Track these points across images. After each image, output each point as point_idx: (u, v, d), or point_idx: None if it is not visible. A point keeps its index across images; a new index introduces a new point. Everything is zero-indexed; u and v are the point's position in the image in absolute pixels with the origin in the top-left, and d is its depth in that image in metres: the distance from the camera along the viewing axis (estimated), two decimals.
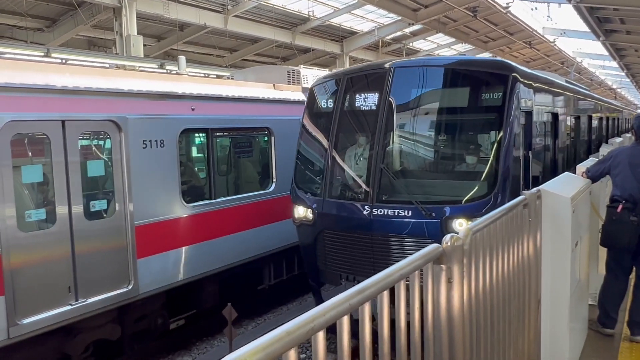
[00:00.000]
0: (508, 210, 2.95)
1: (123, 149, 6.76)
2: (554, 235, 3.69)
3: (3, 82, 5.61)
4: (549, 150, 8.57)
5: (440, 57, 6.61)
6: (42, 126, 5.97)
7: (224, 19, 19.40)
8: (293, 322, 1.39)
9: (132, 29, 15.58)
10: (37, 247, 5.86)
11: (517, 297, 3.13)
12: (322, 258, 6.84)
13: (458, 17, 24.19)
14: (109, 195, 6.79)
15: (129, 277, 6.84)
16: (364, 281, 1.71)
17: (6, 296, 5.53)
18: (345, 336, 1.59)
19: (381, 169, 6.27)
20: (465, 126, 6.75)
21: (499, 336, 2.80)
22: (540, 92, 7.46)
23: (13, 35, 17.60)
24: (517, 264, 3.07)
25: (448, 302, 2.17)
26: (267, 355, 1.25)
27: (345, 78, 7.11)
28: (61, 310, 6.05)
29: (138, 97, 7.05)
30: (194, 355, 8.14)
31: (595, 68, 45.54)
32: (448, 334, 2.18)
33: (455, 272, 2.19)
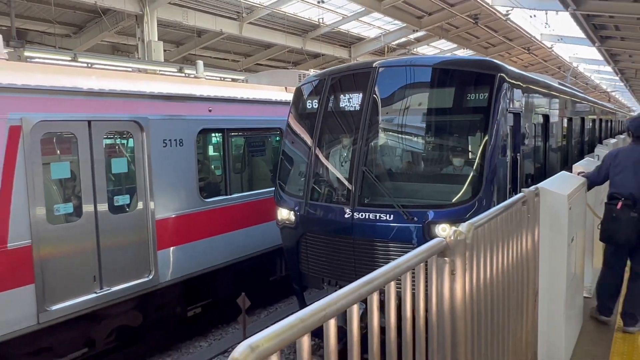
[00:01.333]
0: (508, 206, 2.94)
1: (145, 148, 6.79)
2: (551, 231, 3.67)
3: (34, 84, 5.65)
4: (539, 153, 8.13)
5: (426, 57, 6.24)
6: (70, 126, 6.00)
7: (239, 25, 19.44)
8: (306, 309, 1.39)
9: (153, 35, 15.66)
10: (65, 239, 5.90)
11: (516, 289, 3.12)
12: (304, 262, 6.48)
13: (460, 24, 24.07)
14: (131, 191, 6.82)
15: (149, 267, 6.88)
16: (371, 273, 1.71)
17: (36, 284, 5.58)
18: (355, 323, 1.60)
19: (363, 171, 5.88)
20: (450, 128, 6.27)
21: (499, 325, 2.79)
22: (529, 93, 7.06)
23: (42, 41, 17.74)
24: (516, 257, 3.06)
25: (451, 293, 2.17)
26: (281, 341, 1.25)
27: (329, 78, 6.64)
28: (87, 297, 6.10)
29: (159, 99, 7.06)
30: (210, 341, 8.18)
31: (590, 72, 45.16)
32: (451, 323, 2.18)
33: (458, 264, 2.18)
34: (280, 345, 1.24)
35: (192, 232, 7.54)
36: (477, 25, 23.09)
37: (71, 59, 12.60)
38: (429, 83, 6.21)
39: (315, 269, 6.37)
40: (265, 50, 24.77)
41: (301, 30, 22.44)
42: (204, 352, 7.67)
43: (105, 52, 20.05)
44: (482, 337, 2.54)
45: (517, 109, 6.39)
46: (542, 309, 3.71)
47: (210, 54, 23.41)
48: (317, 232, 6.27)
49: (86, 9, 16.34)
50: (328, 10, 20.92)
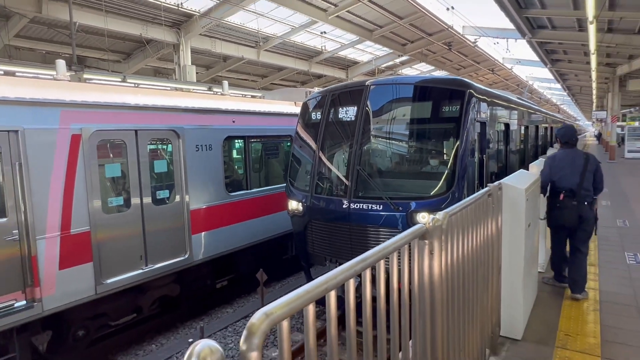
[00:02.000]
0: (476, 199, 2.91)
1: (181, 152, 6.79)
2: (511, 218, 3.65)
3: (90, 101, 5.66)
4: (502, 155, 8.09)
5: (408, 76, 6.12)
6: (120, 134, 6.01)
7: (257, 52, 19.43)
8: (311, 283, 1.38)
9: (188, 60, 15.67)
10: (117, 226, 5.93)
11: (483, 265, 3.10)
12: (310, 243, 6.49)
13: (437, 50, 23.96)
14: (170, 186, 6.81)
15: (185, 248, 6.89)
16: (365, 253, 1.71)
17: (94, 262, 5.62)
18: (352, 294, 1.59)
19: (358, 170, 5.95)
20: (428, 134, 6.21)
21: (469, 295, 2.78)
22: (492, 105, 7.01)
23: (98, 66, 17.80)
24: (483, 239, 3.04)
25: (430, 269, 2.16)
26: (290, 309, 1.25)
27: (330, 94, 6.68)
28: (134, 273, 6.14)
29: (192, 112, 7.06)
30: (235, 308, 8.19)
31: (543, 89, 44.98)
32: (430, 293, 2.17)
33: (436, 246, 2.17)
34: (289, 312, 1.24)
35: (219, 219, 7.54)
36: (451, 51, 22.96)
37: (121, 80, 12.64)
38: (411, 98, 6.18)
39: (319, 249, 6.38)
40: (278, 72, 24.75)
41: (307, 56, 22.39)
42: (229, 317, 7.68)
43: (149, 75, 20.08)
44: (456, 305, 2.52)
45: (483, 119, 6.38)
46: (504, 281, 3.69)
47: (234, 76, 23.42)
48: (320, 219, 6.27)
49: (133, 40, 16.37)
50: (329, 40, 20.88)
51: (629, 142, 24.18)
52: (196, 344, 1.00)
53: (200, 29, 15.25)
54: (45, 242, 5.13)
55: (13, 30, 13.50)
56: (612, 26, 14.24)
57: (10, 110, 4.82)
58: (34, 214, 5.01)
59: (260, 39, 18.68)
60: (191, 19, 15.21)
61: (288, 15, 16.99)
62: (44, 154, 5.12)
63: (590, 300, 4.57)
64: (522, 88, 37.27)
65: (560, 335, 3.80)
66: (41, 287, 5.10)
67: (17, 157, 4.88)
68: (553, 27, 15.59)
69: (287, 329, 1.24)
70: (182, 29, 15.46)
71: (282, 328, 1.23)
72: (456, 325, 2.57)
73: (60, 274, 5.27)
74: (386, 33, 19.90)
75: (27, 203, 4.95)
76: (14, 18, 13.17)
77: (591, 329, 3.91)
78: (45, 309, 5.16)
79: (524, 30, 15.05)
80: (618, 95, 23.57)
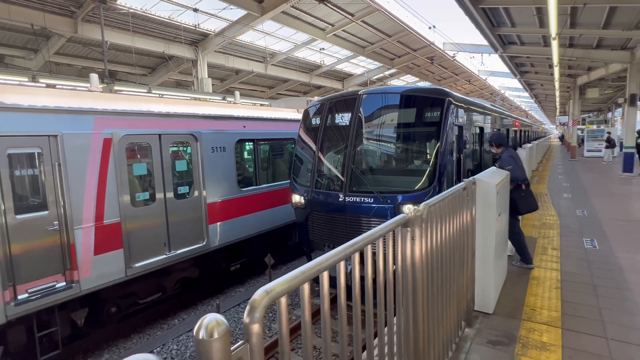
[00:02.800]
0: (453, 192, 2.91)
1: (199, 153, 6.78)
2: (484, 208, 3.64)
3: (120, 109, 5.67)
4: (476, 154, 8.08)
5: (396, 87, 6.09)
6: (146, 138, 6.02)
7: (265, 66, 19.35)
8: (306, 265, 1.39)
9: (204, 74, 15.61)
10: (143, 217, 5.94)
11: (459, 249, 3.10)
12: (311, 231, 6.48)
13: (421, 64, 23.85)
14: (189, 183, 6.81)
15: (203, 236, 6.90)
16: (355, 238, 1.70)
17: (124, 249, 5.63)
18: (342, 274, 1.59)
19: (352, 168, 5.95)
20: (413, 136, 6.18)
21: (447, 275, 2.78)
22: (469, 111, 6.99)
23: (127, 79, 17.75)
24: (459, 227, 3.04)
25: (412, 253, 2.16)
26: (289, 287, 1.25)
27: (327, 102, 6.67)
28: (159, 258, 6.15)
29: (209, 118, 7.05)
30: (247, 287, 8.21)
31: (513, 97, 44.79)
32: (412, 274, 2.17)
33: (417, 233, 2.17)
34: (287, 290, 1.24)
35: (232, 211, 7.54)
36: (433, 64, 22.87)
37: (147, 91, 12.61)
38: (398, 105, 6.18)
39: (319, 236, 6.38)
40: (283, 83, 24.66)
41: (308, 69, 22.31)
42: (241, 295, 7.70)
43: (171, 86, 20.02)
44: (435, 284, 2.52)
45: (461, 123, 6.38)
46: (478, 263, 3.69)
47: (245, 87, 23.35)
48: (320, 210, 6.27)
49: (157, 56, 16.32)
50: (327, 55, 20.79)
51: (587, 142, 24.10)
52: (204, 318, 1.00)
53: (215, 46, 15.19)
54: (82, 231, 5.15)
55: (53, 48, 13.46)
56: (573, 42, 14.17)
57: (51, 118, 4.89)
58: (71, 207, 5.03)
59: (268, 55, 18.62)
60: (207, 38, 15.15)
61: (291, 34, 16.93)
62: (80, 156, 5.13)
63: (553, 280, 4.56)
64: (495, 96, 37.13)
65: (526, 310, 3.81)
66: (79, 271, 5.13)
67: (57, 158, 4.91)
68: (522, 43, 15.52)
69: (284, 304, 1.25)
70: (200, 46, 15.40)
71: (280, 304, 1.23)
72: (436, 302, 2.57)
73: (95, 259, 5.30)
74: (377, 49, 19.82)
75: (65, 198, 4.97)
76: (53, 38, 13.13)
77: (553, 304, 3.91)
78: (83, 289, 5.20)
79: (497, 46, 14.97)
80: (578, 102, 23.49)
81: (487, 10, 11.78)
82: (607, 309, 3.76)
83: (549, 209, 8.60)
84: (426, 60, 21.89)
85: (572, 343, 3.19)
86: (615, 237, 6.18)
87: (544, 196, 10.16)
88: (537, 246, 5.84)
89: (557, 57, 12.35)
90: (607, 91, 23.33)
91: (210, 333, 0.97)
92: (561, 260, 5.23)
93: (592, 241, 6.03)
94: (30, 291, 4.68)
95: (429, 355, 2.47)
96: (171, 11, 13.21)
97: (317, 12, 14.72)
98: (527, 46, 15.69)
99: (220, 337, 0.97)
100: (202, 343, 0.97)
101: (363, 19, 15.44)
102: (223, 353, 0.98)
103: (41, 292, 4.76)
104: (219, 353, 0.97)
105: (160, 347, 5.85)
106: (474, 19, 11.69)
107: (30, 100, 4.74)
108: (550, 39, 10.81)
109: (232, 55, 17.55)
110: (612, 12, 10.78)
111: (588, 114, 39.95)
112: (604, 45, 14.46)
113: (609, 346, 3.12)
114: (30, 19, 11.07)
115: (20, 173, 4.67)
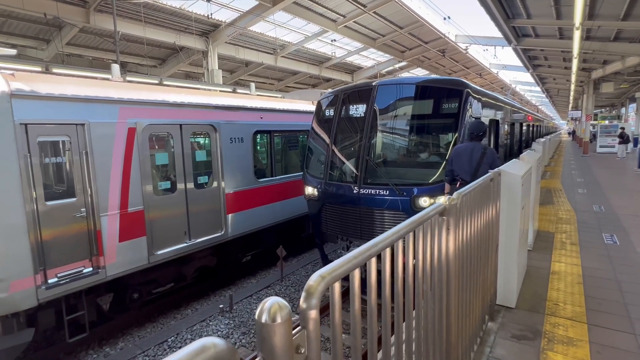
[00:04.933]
0: (481, 183, 2.87)
1: (218, 143, 6.83)
2: (508, 200, 3.59)
3: (144, 99, 5.70)
4: (492, 147, 7.85)
5: (412, 77, 5.94)
6: (168, 128, 6.05)
7: (275, 58, 19.26)
8: (356, 250, 1.35)
9: (215, 65, 15.58)
10: (165, 206, 6.00)
11: (485, 243, 3.06)
12: (324, 223, 6.41)
13: (432, 57, 23.59)
14: (209, 173, 6.86)
15: (222, 226, 6.94)
16: (400, 224, 1.65)
17: (147, 236, 5.71)
18: (388, 261, 1.55)
19: (367, 160, 5.87)
20: (430, 128, 6.05)
21: (474, 268, 2.75)
22: (486, 104, 6.87)
23: (137, 70, 17.78)
24: (485, 219, 3.00)
25: (447, 243, 2.13)
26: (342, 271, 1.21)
27: (342, 93, 6.56)
28: (180, 246, 6.22)
29: (227, 109, 7.06)
30: (258, 279, 8.24)
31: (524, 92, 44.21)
32: (446, 265, 2.14)
33: (452, 222, 2.14)
34: (341, 274, 1.21)
35: (249, 202, 7.57)
36: (444, 57, 22.60)
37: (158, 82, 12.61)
38: (414, 96, 6.05)
39: (331, 228, 6.34)
40: (293, 76, 24.56)
41: (318, 61, 22.17)
42: (253, 286, 7.73)
43: (181, 78, 20.03)
44: (465, 276, 2.49)
45: (478, 115, 6.22)
46: (500, 256, 3.65)
47: (254, 79, 23.28)
48: (333, 203, 6.22)
49: (168, 47, 16.32)
50: (338, 47, 20.62)
51: (600, 138, 23.73)
52: (266, 301, 0.97)
53: (226, 37, 15.13)
54: (108, 218, 5.23)
55: (65, 38, 13.50)
56: (590, 34, 13.87)
57: (79, 107, 4.94)
58: (98, 194, 5.10)
59: (278, 47, 18.51)
60: (218, 29, 15.09)
61: (302, 25, 16.79)
62: (106, 144, 5.19)
63: (574, 275, 4.50)
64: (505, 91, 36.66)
65: (549, 304, 3.76)
66: (105, 256, 5.22)
67: (84, 146, 4.98)
68: (536, 35, 15.24)
69: (338, 290, 1.22)
70: (210, 37, 15.35)
71: (334, 289, 1.20)
72: (465, 294, 2.53)
73: (120, 246, 5.38)
74: (387, 41, 19.60)
75: (92, 186, 5.04)
76: (66, 28, 13.16)
77: (577, 299, 3.86)
78: (108, 274, 5.29)
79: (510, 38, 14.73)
80: (592, 97, 23.08)
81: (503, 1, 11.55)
82: (634, 304, 3.70)
83: (565, 204, 8.48)
84: (438, 53, 21.62)
85: (599, 338, 3.14)
86: (636, 233, 6.08)
87: (559, 191, 10.03)
88: (555, 241, 5.76)
89: (577, 48, 12.07)
90: (623, 85, 22.89)
91: (273, 317, 0.94)
92: (581, 255, 5.16)
93: (612, 237, 5.93)
94: (59, 275, 4.80)
95: (457, 347, 2.44)
96: (183, 1, 13.15)
97: (329, 3, 14.56)
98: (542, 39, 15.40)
99: (284, 321, 0.94)
100: (265, 327, 0.94)
101: (375, 10, 15.25)
102: (286, 338, 0.96)
103: (69, 277, 4.88)
104: (282, 338, 0.95)
105: (174, 336, 5.90)
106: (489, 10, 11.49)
107: (60, 89, 4.79)
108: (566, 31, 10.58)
109: (242, 46, 17.48)
110: (633, 3, 10.51)
111: (600, 110, 39.30)
112: (622, 37, 14.15)
113: (638, 342, 3.06)
114: (43, 9, 11.08)
115: (49, 161, 4.76)
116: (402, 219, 3.73)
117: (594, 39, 14.41)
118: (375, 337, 1.46)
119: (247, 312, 6.66)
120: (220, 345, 0.80)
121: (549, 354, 2.95)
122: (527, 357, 2.91)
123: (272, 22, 15.72)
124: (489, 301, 3.42)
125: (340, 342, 1.24)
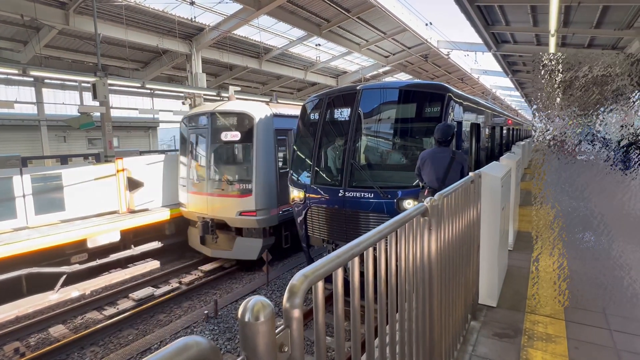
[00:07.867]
0: (462, 184, 2.93)
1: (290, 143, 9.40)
2: (489, 201, 3.68)
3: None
4: (474, 150, 8.08)
5: (395, 81, 6.04)
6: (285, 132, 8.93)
7: (259, 62, 19.21)
8: (339, 250, 1.37)
9: (198, 69, 15.43)
10: None
11: (467, 243, 3.13)
12: (310, 227, 6.44)
13: (415, 61, 23.93)
14: None
15: None
16: (382, 224, 1.68)
17: None
18: (371, 261, 1.57)
19: (352, 163, 5.91)
20: (413, 131, 6.11)
21: (456, 268, 2.80)
22: (467, 108, 6.97)
23: (119, 73, 17.45)
24: (466, 221, 3.06)
25: (429, 243, 2.16)
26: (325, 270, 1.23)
27: (326, 97, 6.59)
28: None
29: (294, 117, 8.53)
30: (244, 283, 8.17)
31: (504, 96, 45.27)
32: (429, 265, 2.18)
33: (433, 223, 2.17)
34: (324, 274, 1.22)
35: None
36: (427, 62, 22.96)
37: (140, 85, 12.42)
38: (398, 100, 6.13)
39: (317, 231, 6.35)
40: (277, 80, 24.52)
41: (303, 66, 22.21)
42: (239, 291, 7.67)
43: (164, 81, 19.75)
44: (446, 276, 2.54)
45: (460, 118, 6.36)
46: (482, 256, 3.72)
47: (239, 83, 23.13)
48: (319, 206, 6.23)
49: (150, 50, 16.09)
50: (322, 52, 20.72)
51: None
52: (249, 300, 0.97)
53: (209, 41, 15.02)
54: None
55: (44, 40, 13.16)
56: (565, 41, 14.36)
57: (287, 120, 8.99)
58: None
59: (262, 50, 18.47)
60: (202, 32, 14.98)
61: (287, 29, 16.83)
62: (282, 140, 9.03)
63: (553, 273, 4.61)
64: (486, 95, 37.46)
65: (529, 303, 3.85)
66: None
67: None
68: (515, 41, 15.68)
69: (321, 289, 1.23)
70: (194, 40, 15.22)
71: (317, 288, 1.22)
72: (448, 294, 2.58)
73: None
74: (371, 46, 19.82)
75: None
76: (44, 29, 12.84)
77: (556, 297, 3.95)
78: None
79: (490, 44, 15.10)
80: None
81: (483, 8, 11.86)
82: (609, 301, 3.82)
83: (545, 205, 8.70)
84: (420, 58, 21.95)
85: (577, 335, 3.24)
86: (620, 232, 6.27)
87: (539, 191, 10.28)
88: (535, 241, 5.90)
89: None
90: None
91: (256, 316, 0.94)
92: (560, 254, 5.29)
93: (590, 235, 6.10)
94: (282, 211, 8.74)
95: (440, 347, 2.48)
96: (166, 4, 13.02)
97: (313, 8, 14.64)
98: (520, 45, 15.85)
99: (267, 320, 0.95)
100: (248, 326, 0.94)
101: (359, 16, 15.41)
102: (269, 337, 0.96)
103: (286, 212, 8.74)
104: (265, 336, 0.95)
105: (158, 344, 5.79)
106: (469, 17, 11.77)
107: (282, 110, 9.11)
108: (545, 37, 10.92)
109: (226, 50, 17.36)
110: (605, 11, 10.94)
111: None
112: (595, 44, 14.68)
113: (612, 337, 3.17)
114: (20, 10, 10.79)
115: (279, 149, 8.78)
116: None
117: (569, 45, 14.91)
118: (359, 339, 1.48)
119: (233, 317, 6.59)
120: (203, 343, 0.80)
121: (529, 350, 3.03)
122: (508, 354, 2.97)
123: (256, 26, 15.70)
124: (472, 300, 3.49)
125: (323, 342, 1.25)
